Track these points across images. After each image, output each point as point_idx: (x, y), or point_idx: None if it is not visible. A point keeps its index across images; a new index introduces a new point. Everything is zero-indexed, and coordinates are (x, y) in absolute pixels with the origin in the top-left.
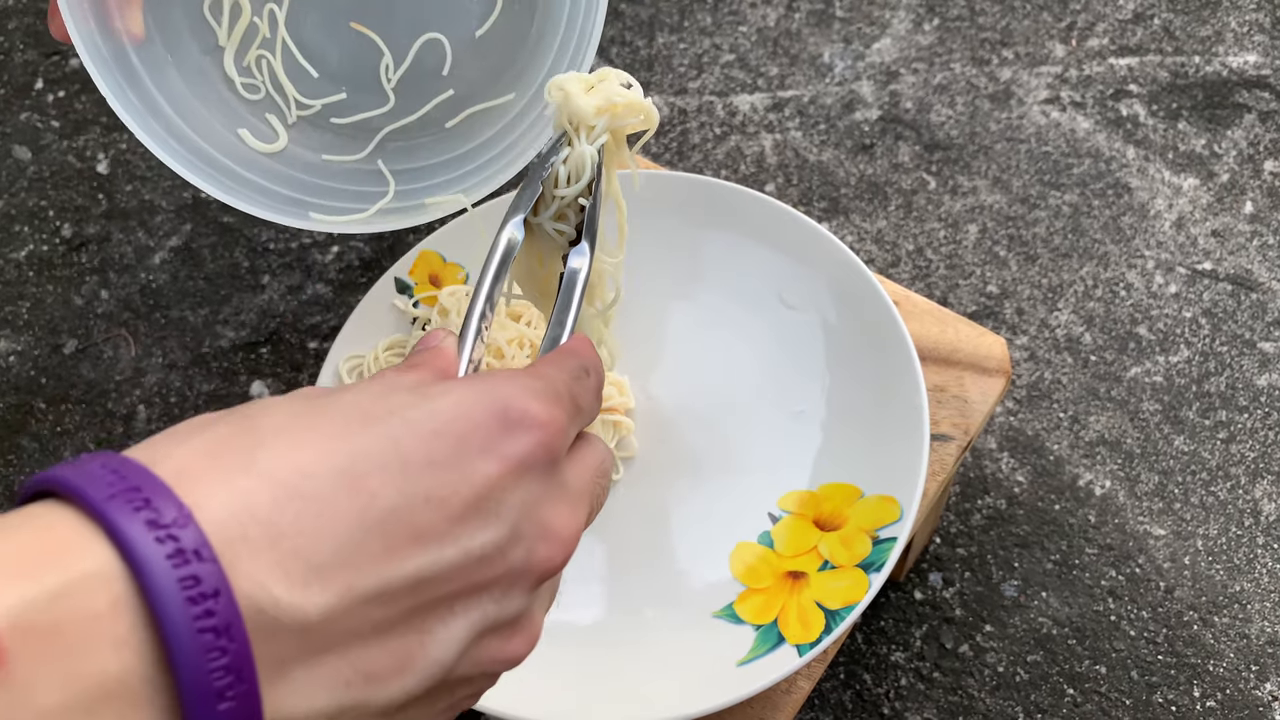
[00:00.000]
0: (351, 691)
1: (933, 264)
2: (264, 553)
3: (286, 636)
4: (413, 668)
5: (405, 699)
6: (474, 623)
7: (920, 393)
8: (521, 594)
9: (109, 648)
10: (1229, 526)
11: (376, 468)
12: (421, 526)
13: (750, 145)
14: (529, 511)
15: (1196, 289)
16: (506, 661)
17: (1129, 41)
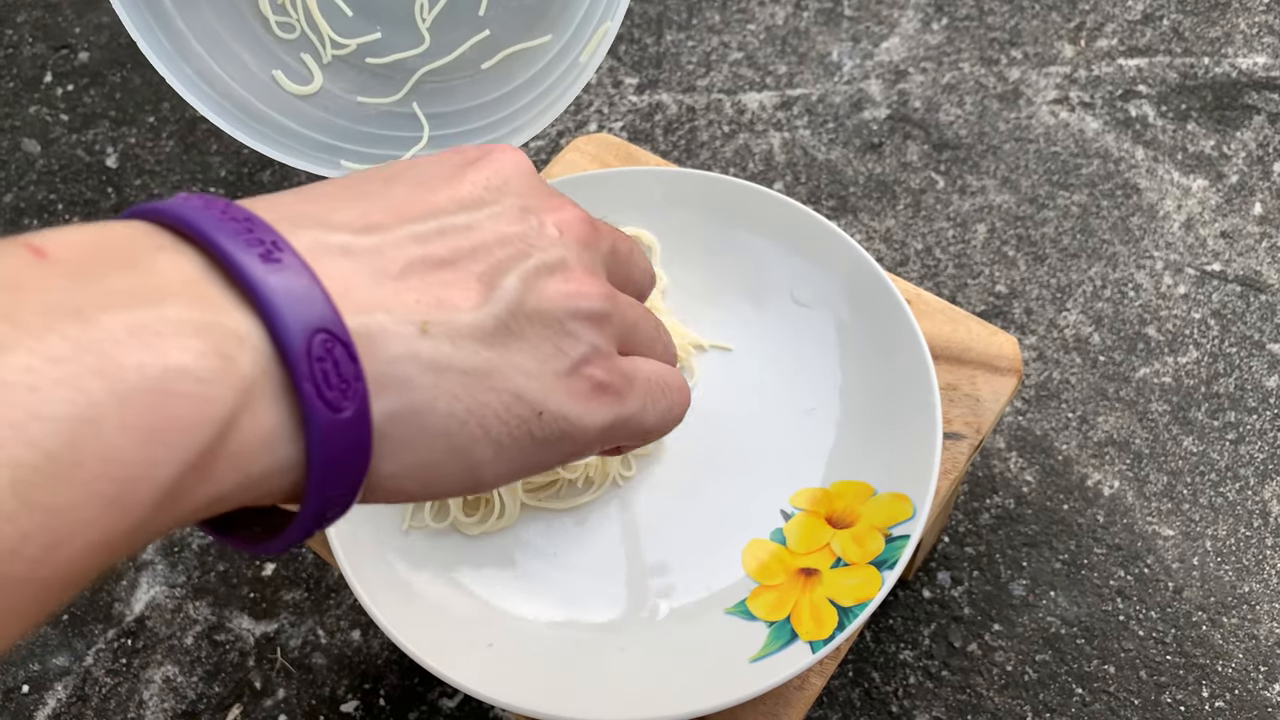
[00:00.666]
0: (430, 309)
1: (941, 263)
2: (299, 218)
3: (338, 258)
4: (483, 296)
5: (494, 324)
6: (523, 265)
7: (933, 391)
8: (553, 242)
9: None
10: (1238, 527)
11: (372, 178)
12: (430, 199)
13: (759, 143)
14: (526, 190)
15: (1205, 290)
16: (581, 294)
17: (1138, 42)
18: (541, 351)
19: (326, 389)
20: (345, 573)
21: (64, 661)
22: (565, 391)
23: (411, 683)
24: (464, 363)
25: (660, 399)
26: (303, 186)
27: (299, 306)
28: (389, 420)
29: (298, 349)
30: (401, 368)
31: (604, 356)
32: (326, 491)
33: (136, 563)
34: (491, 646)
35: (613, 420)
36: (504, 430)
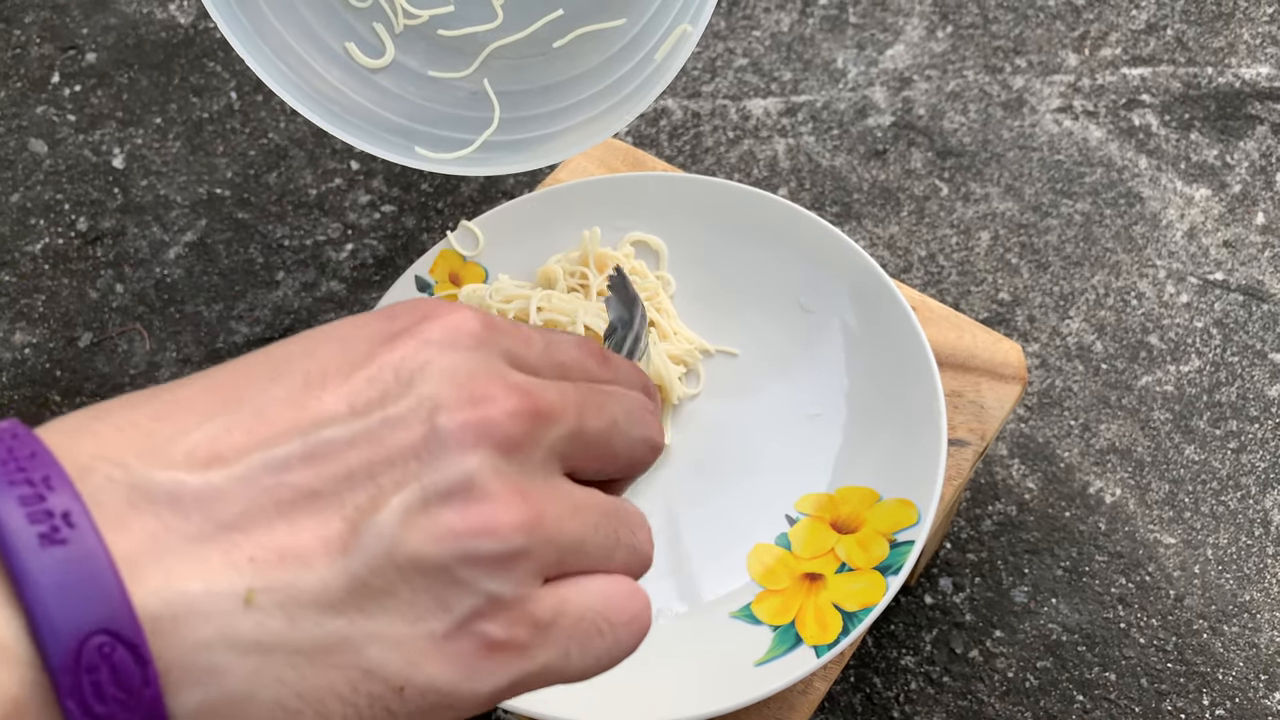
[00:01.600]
0: (262, 570)
1: (944, 270)
2: (129, 450)
3: (161, 510)
4: (343, 543)
5: (350, 584)
6: (408, 492)
7: (938, 397)
8: (463, 457)
9: None
10: (1239, 536)
11: (249, 368)
12: (305, 403)
13: (763, 149)
14: (444, 379)
15: (1208, 299)
16: (483, 530)
17: (1142, 51)
18: (414, 610)
19: (99, 704)
20: None
21: None
22: (441, 660)
23: None
24: (298, 639)
25: (594, 641)
26: (179, 381)
27: (72, 603)
28: (196, 714)
29: (63, 659)
30: (212, 655)
31: (506, 607)
32: None
33: None
34: None
35: (511, 681)
36: (351, 712)
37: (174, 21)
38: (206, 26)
